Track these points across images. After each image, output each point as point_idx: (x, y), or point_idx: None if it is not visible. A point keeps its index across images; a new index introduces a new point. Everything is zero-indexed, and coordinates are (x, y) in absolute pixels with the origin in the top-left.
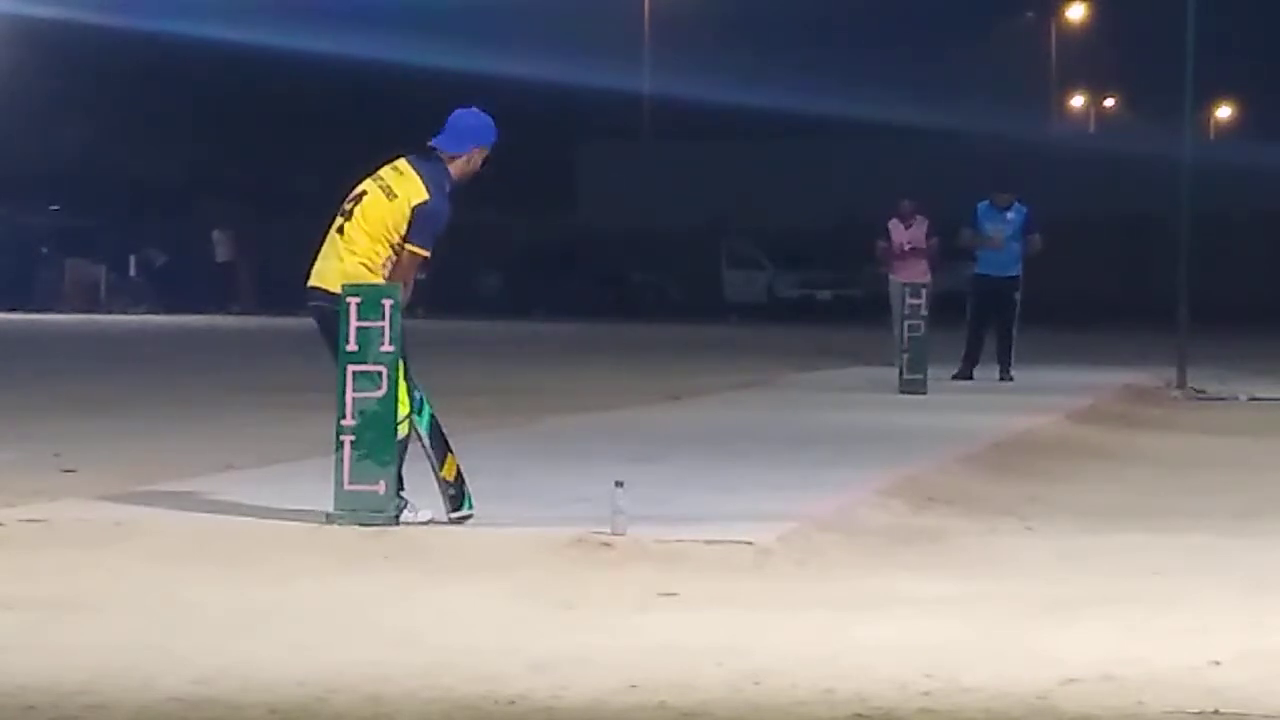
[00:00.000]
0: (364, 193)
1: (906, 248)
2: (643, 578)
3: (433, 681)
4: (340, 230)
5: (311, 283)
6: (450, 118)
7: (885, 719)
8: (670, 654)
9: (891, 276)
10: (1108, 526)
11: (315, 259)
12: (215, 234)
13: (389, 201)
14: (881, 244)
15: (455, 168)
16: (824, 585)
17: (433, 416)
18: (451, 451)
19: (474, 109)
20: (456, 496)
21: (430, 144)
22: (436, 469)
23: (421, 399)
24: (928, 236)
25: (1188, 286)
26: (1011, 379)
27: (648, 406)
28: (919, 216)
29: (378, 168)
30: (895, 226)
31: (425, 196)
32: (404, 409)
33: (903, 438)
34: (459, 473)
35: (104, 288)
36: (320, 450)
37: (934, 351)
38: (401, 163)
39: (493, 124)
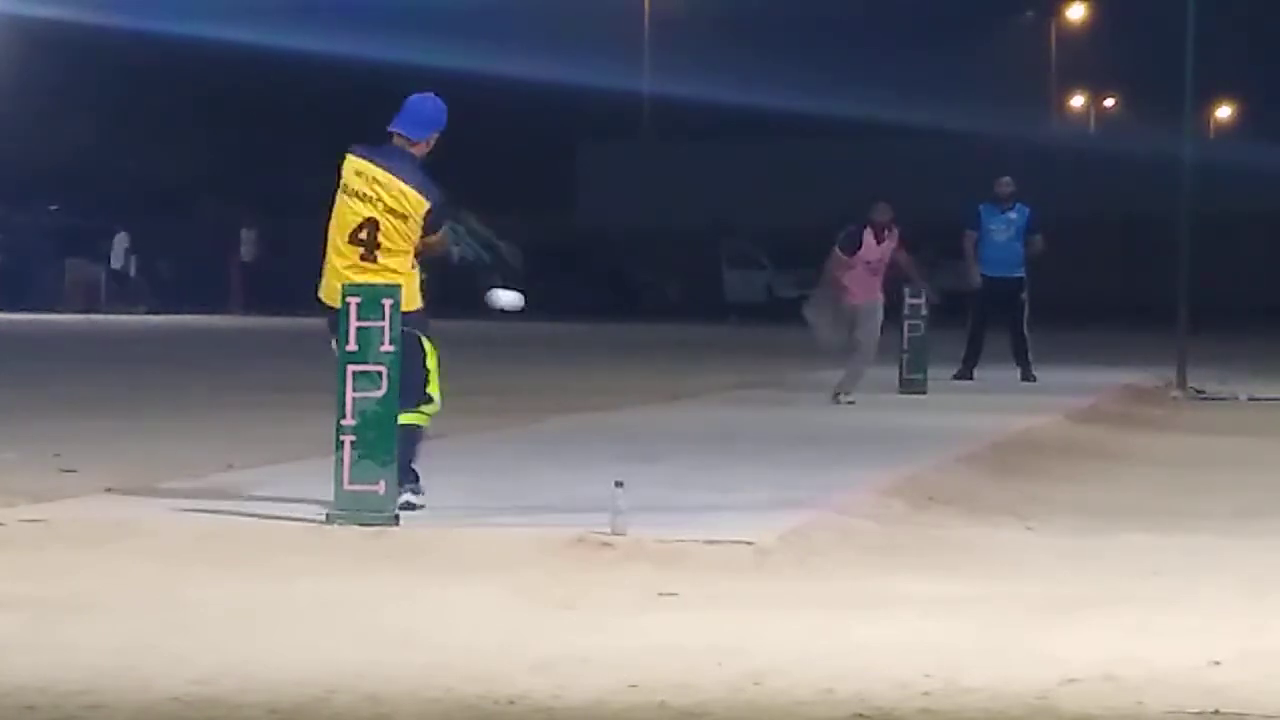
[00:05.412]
0: (373, 221)
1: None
2: (643, 578)
3: (433, 681)
4: (370, 258)
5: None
6: (410, 103)
7: (885, 719)
8: (670, 654)
9: (851, 301)
10: (1108, 526)
11: (322, 276)
12: (244, 232)
13: (404, 223)
14: (843, 257)
15: (417, 151)
16: (824, 585)
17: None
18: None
19: (430, 95)
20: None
21: (393, 129)
22: None
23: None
24: (897, 248)
25: (1188, 286)
26: (1034, 379)
27: (648, 406)
28: (895, 228)
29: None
30: (869, 241)
31: (428, 204)
32: (437, 402)
33: (903, 438)
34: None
35: (104, 288)
36: (320, 450)
37: (934, 352)
38: (377, 173)
39: (445, 110)
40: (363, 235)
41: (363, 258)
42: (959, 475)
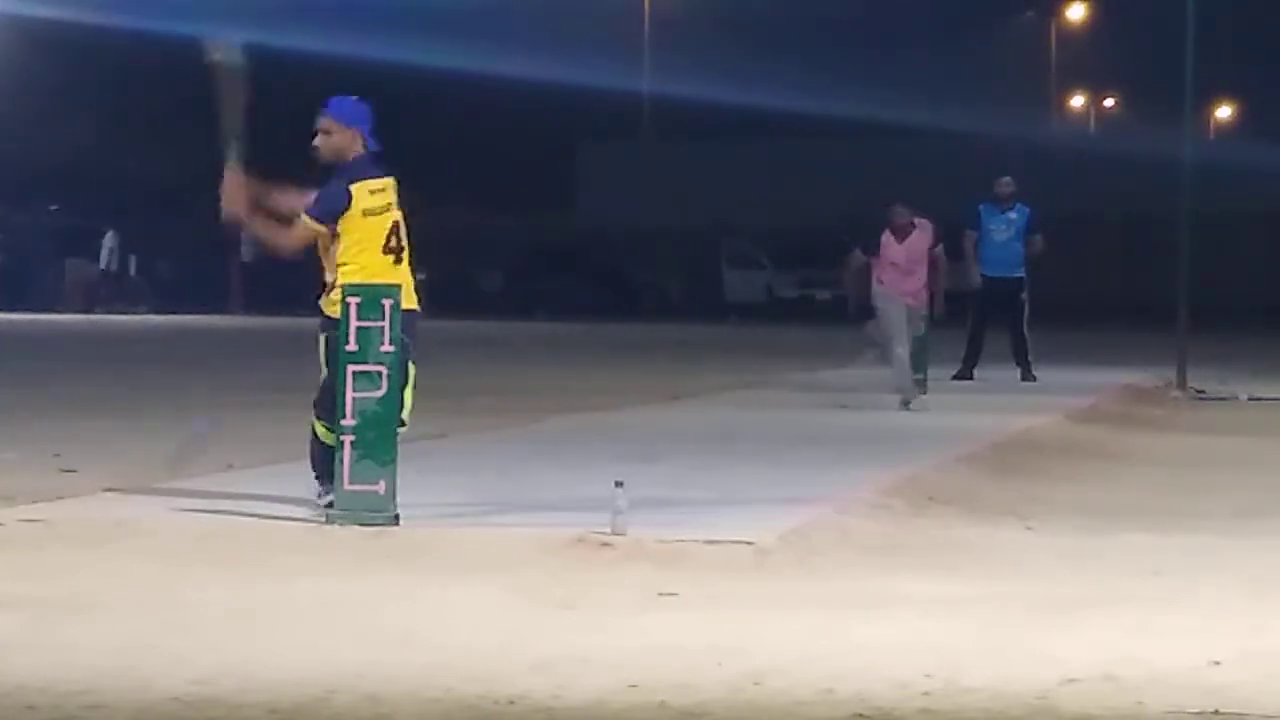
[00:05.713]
0: (396, 224)
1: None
2: (643, 578)
3: (433, 681)
4: (400, 259)
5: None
6: (352, 107)
7: (885, 719)
8: (670, 654)
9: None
10: (1108, 526)
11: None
12: (244, 233)
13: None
14: (861, 257)
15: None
16: (824, 585)
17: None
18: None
19: (347, 98)
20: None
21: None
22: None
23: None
24: (932, 245)
25: (1188, 286)
26: (1034, 379)
27: (648, 406)
28: (918, 221)
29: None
30: (888, 242)
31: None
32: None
33: (903, 438)
34: None
35: (101, 288)
36: None
37: (934, 352)
38: (384, 184)
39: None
40: (392, 242)
41: (395, 261)
42: (959, 475)
